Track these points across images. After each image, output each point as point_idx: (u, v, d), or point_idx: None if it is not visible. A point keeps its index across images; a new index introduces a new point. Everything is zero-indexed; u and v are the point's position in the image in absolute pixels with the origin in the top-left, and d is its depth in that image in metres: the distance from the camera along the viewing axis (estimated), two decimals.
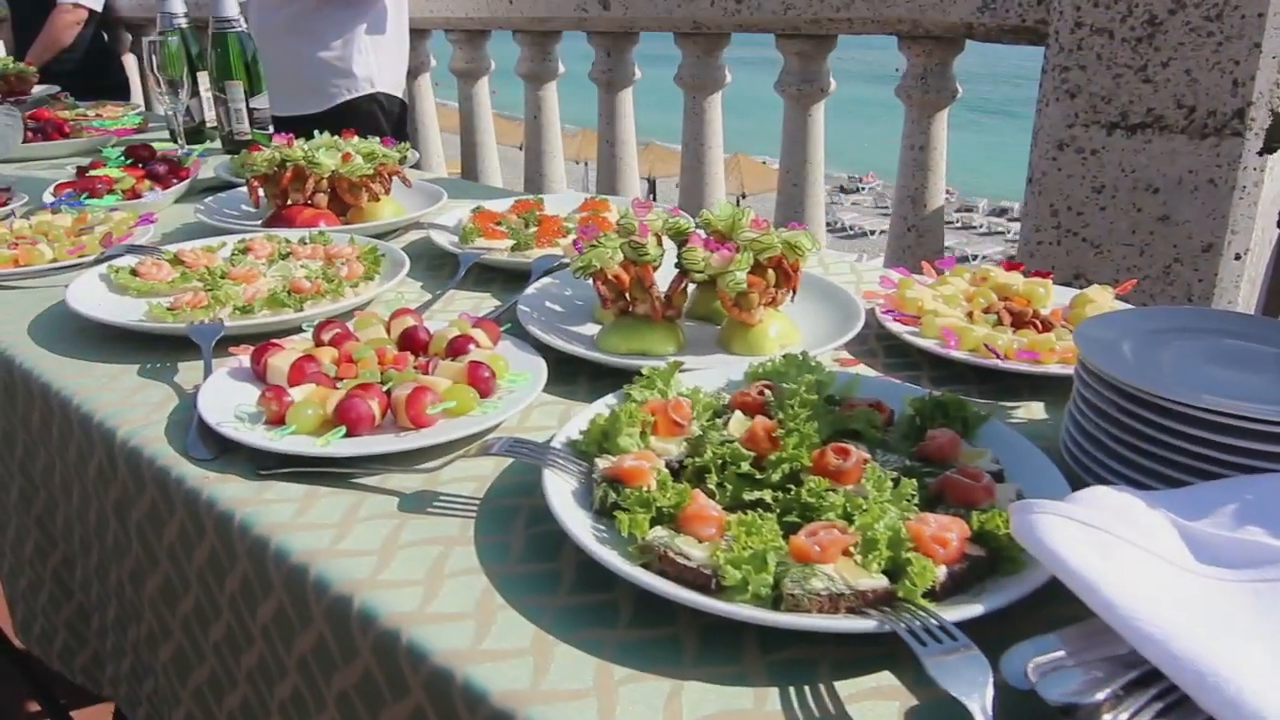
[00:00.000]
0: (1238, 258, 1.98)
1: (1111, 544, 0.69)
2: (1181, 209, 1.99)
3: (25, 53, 4.25)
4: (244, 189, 1.97)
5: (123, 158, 2.13)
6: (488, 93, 3.67)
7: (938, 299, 1.33)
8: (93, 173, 1.98)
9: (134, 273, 1.43)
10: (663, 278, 1.24)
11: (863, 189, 40.01)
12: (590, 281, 1.27)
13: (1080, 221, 2.10)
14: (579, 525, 0.79)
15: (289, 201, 1.76)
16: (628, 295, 1.23)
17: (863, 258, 2.25)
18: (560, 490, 0.84)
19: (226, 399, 1.05)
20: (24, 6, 4.68)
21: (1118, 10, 1.94)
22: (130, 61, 5.35)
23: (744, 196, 31.07)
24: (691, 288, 1.28)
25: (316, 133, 1.87)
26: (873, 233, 30.27)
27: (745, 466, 0.84)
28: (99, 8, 4.54)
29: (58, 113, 2.79)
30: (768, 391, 0.98)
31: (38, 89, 3.62)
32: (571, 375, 1.17)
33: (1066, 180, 2.09)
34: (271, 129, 2.59)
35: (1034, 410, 1.11)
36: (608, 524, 0.81)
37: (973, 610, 0.69)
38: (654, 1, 2.77)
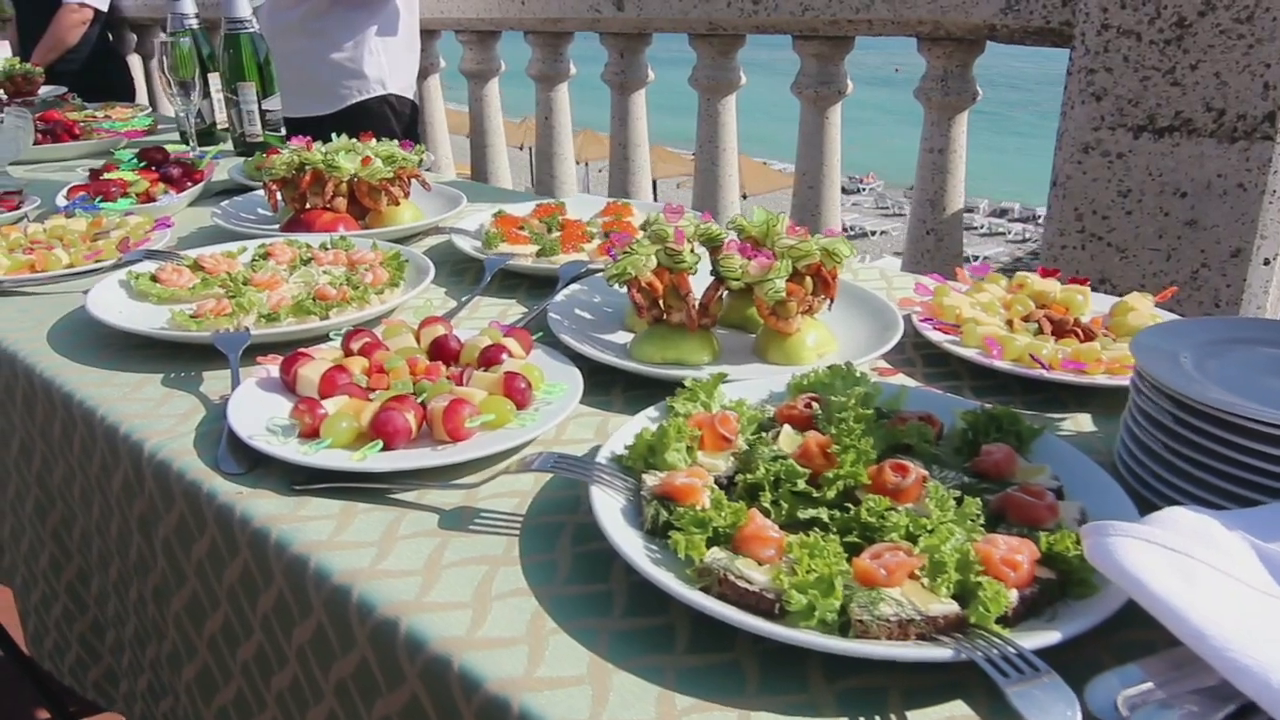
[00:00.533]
0: (1267, 263, 1.96)
1: (1194, 568, 0.66)
2: (1210, 213, 1.96)
3: (30, 53, 4.22)
4: (260, 192, 1.94)
5: (136, 160, 2.10)
6: (497, 94, 3.65)
7: (975, 306, 1.31)
8: (106, 176, 1.95)
9: (154, 279, 1.40)
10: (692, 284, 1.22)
11: (863, 190, 39.95)
12: (623, 289, 1.25)
13: (1105, 226, 2.08)
14: (632, 546, 0.76)
15: (307, 205, 1.73)
16: (661, 303, 1.21)
17: (865, 259, 2.22)
18: (609, 508, 0.81)
19: (256, 411, 1.02)
20: (28, 6, 4.66)
21: (1146, 12, 1.91)
22: (135, 62, 5.32)
23: (744, 197, 31.08)
24: (724, 295, 1.25)
25: (334, 135, 1.84)
26: (874, 233, 30.25)
27: (801, 484, 0.81)
28: (104, 8, 4.52)
29: (67, 114, 2.76)
30: (815, 404, 0.96)
31: (44, 90, 3.60)
32: (606, 385, 1.15)
33: (1092, 184, 2.07)
34: (284, 130, 2.57)
35: (1082, 422, 1.09)
36: (660, 543, 0.78)
37: (1050, 637, 0.66)
38: (669, 2, 2.75)
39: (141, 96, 5.20)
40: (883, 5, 2.35)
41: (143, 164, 2.08)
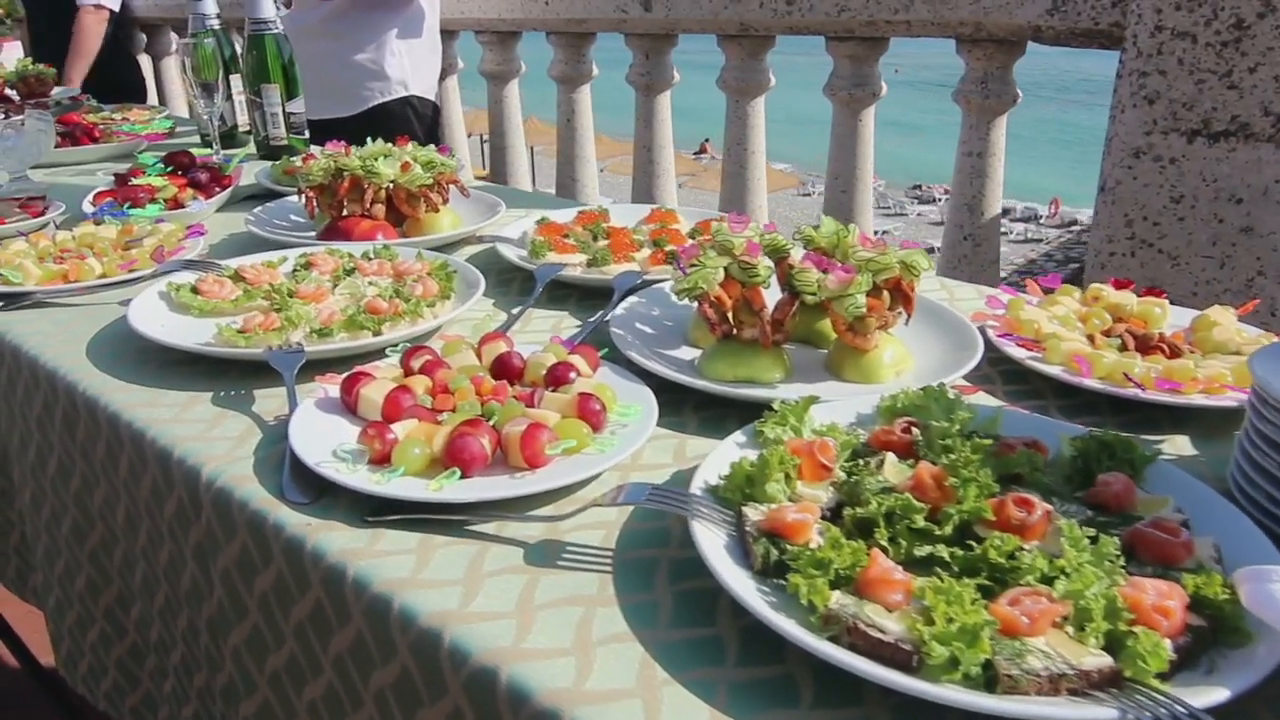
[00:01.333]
0: None
1: None
2: (1266, 220, 1.91)
3: (43, 53, 4.16)
4: (293, 198, 1.89)
5: (162, 165, 2.05)
6: (518, 95, 3.59)
7: (1053, 321, 1.26)
8: (134, 181, 1.90)
9: (195, 290, 1.35)
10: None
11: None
12: (690, 303, 1.20)
13: (1156, 232, 2.03)
14: (744, 588, 0.71)
15: (344, 212, 1.68)
16: (730, 318, 1.16)
17: None
18: (714, 546, 0.76)
19: (318, 434, 0.97)
20: (39, 6, 4.60)
21: (1202, 14, 1.86)
22: (144, 62, 5.26)
23: None
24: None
25: (370, 139, 1.78)
26: (876, 233, 30.19)
27: (920, 521, 0.76)
28: (117, 7, 4.46)
29: (85, 117, 2.70)
30: (915, 430, 0.91)
31: (56, 91, 3.54)
32: (676, 404, 1.09)
33: (1143, 189, 2.02)
34: (307, 133, 2.52)
35: (1180, 445, 1.03)
36: (771, 584, 0.73)
37: (1217, 695, 0.61)
38: (698, 2, 2.69)
39: (151, 97, 5.14)
40: (923, 6, 2.30)
41: (169, 169, 2.03)
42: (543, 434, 0.91)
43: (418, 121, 2.97)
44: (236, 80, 2.62)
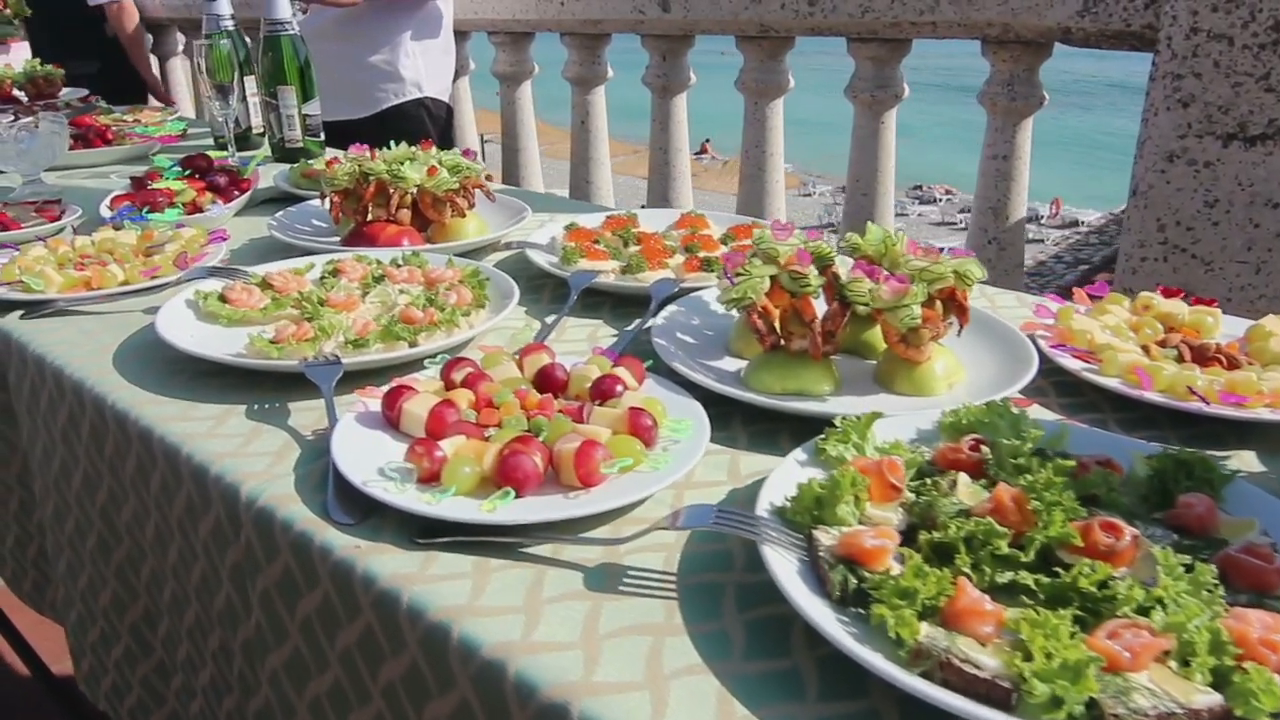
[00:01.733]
0: None
1: None
2: None
3: (47, 55, 4.11)
4: (314, 202, 1.86)
5: (179, 168, 2.01)
6: (530, 97, 3.56)
7: (1106, 331, 1.22)
8: (152, 185, 1.86)
9: (222, 298, 1.32)
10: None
11: None
12: (735, 312, 1.17)
13: (1190, 237, 2.00)
14: (824, 618, 0.68)
15: (369, 218, 1.64)
16: (777, 329, 1.13)
17: None
18: (788, 573, 0.73)
19: (360, 450, 0.94)
20: (38, 6, 4.56)
21: (1239, 15, 1.83)
22: (152, 63, 5.21)
23: None
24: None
25: (393, 142, 1.75)
26: None
27: (1004, 547, 0.72)
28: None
29: (97, 118, 2.67)
30: (983, 448, 0.87)
31: (65, 92, 3.50)
32: (723, 418, 1.06)
33: (1176, 194, 1.99)
34: (323, 136, 2.48)
35: (1247, 461, 1.00)
36: (850, 613, 0.70)
37: None
38: (718, 3, 2.66)
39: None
40: (949, 7, 2.27)
41: (187, 172, 1.99)
42: (598, 452, 0.88)
43: (432, 123, 2.94)
44: (250, 81, 2.59)
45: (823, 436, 0.91)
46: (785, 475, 0.86)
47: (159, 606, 1.21)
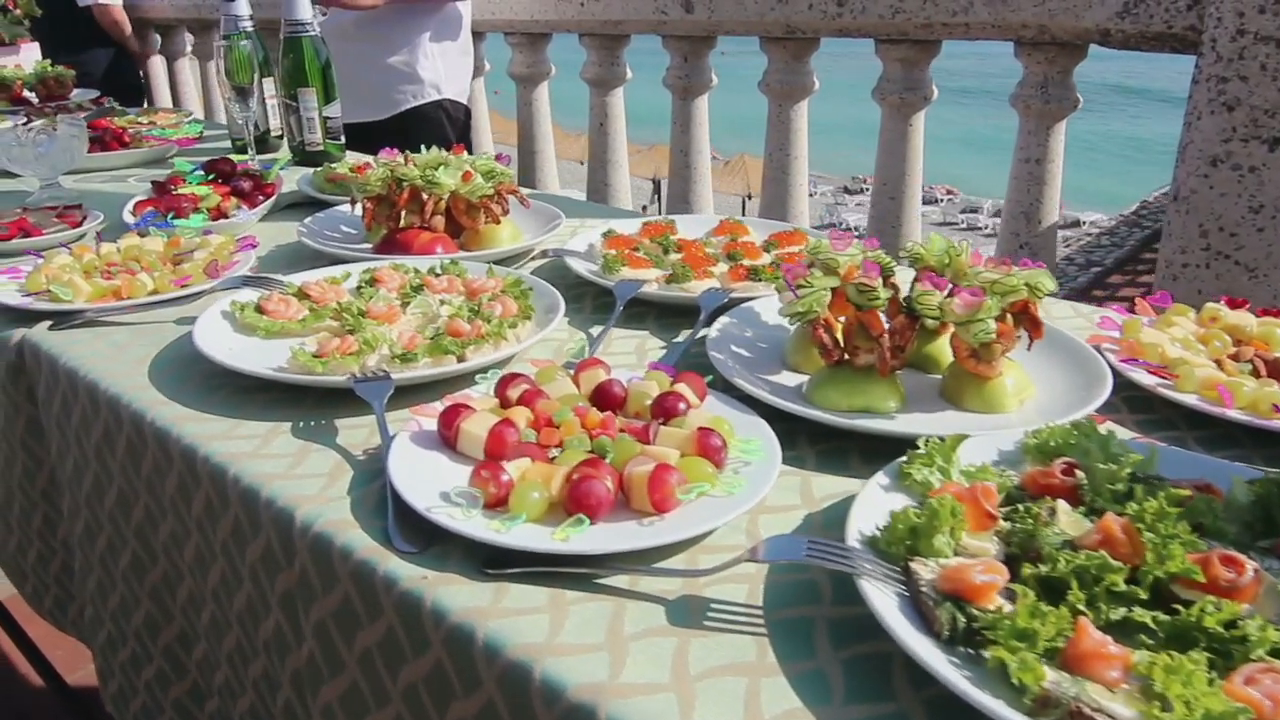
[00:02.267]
0: None
1: None
2: None
3: (55, 55, 4.07)
4: (344, 208, 1.82)
5: (202, 172, 1.97)
6: (547, 99, 3.52)
7: (1175, 344, 1.18)
8: (176, 190, 1.82)
9: (259, 309, 1.27)
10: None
11: (867, 190, 39.86)
12: (787, 324, 1.13)
13: (1234, 243, 1.96)
14: (936, 660, 0.64)
15: (402, 224, 1.60)
16: (843, 343, 1.09)
17: None
18: (890, 609, 0.69)
19: (418, 473, 0.90)
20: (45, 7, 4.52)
21: None
22: (158, 63, 5.18)
23: (750, 197, 30.90)
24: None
25: (425, 146, 1.71)
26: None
27: (1120, 583, 0.68)
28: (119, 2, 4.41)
29: (113, 121, 2.63)
30: (1079, 473, 0.83)
31: (75, 93, 3.46)
32: (788, 435, 1.01)
33: (1219, 199, 1.95)
34: (343, 138, 2.44)
35: None
36: (960, 653, 0.66)
37: None
38: (743, 3, 2.62)
39: (165, 99, 5.06)
40: (983, 8, 2.22)
41: (210, 176, 1.95)
42: (672, 477, 0.84)
43: (450, 125, 2.90)
44: (269, 83, 2.55)
45: (905, 460, 0.86)
46: (871, 502, 0.82)
47: (196, 629, 1.17)
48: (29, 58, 3.81)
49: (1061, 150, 2.38)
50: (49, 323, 1.36)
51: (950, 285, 1.06)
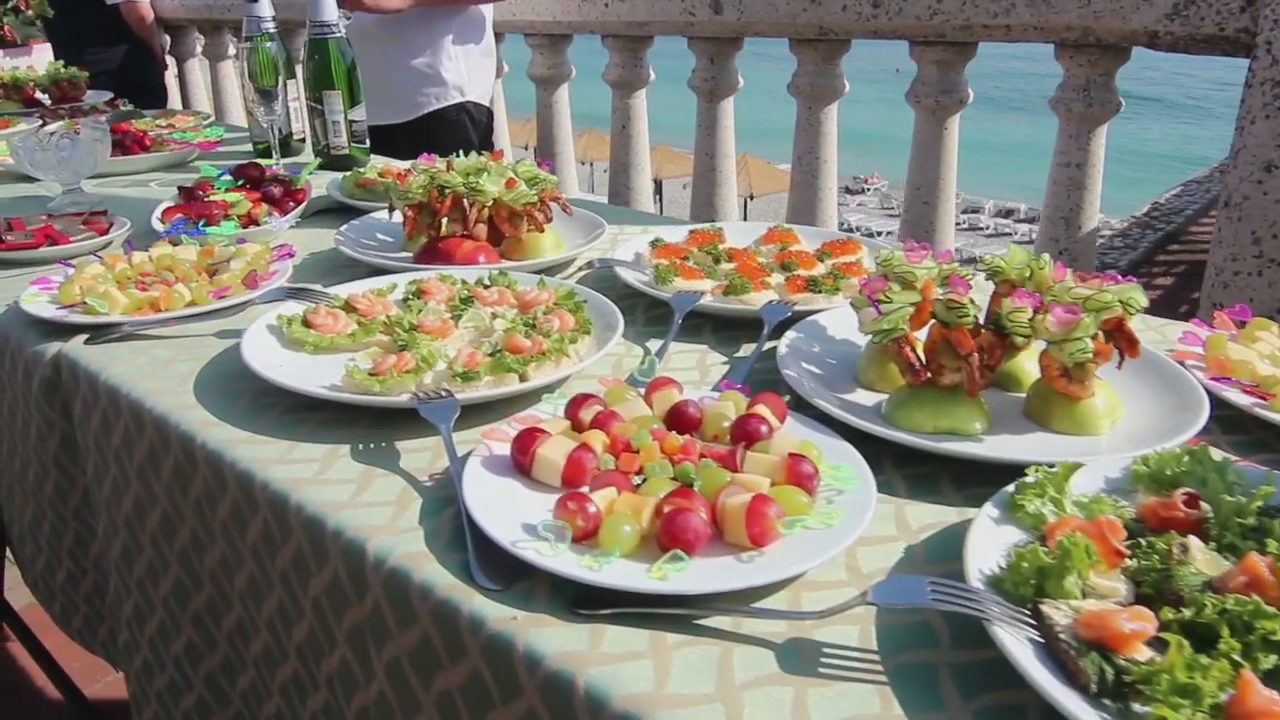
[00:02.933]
0: None
1: None
2: None
3: (67, 56, 4.01)
4: (376, 214, 1.77)
5: (229, 178, 1.92)
6: (567, 101, 3.47)
7: (1264, 361, 1.14)
8: (210, 196, 1.77)
9: (306, 323, 1.23)
10: None
11: (868, 190, 39.89)
12: (875, 340, 1.08)
13: None
14: (1084, 715, 0.59)
15: (443, 233, 1.55)
16: (927, 362, 1.04)
17: None
18: (1028, 658, 0.64)
19: (494, 503, 0.85)
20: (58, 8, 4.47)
21: None
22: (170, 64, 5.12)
23: (751, 198, 30.88)
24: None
25: (465, 152, 1.66)
26: (880, 234, 30.12)
27: (1278, 630, 0.63)
28: None
29: (133, 124, 2.58)
30: (1202, 504, 0.79)
31: (89, 95, 3.41)
32: (871, 459, 0.96)
33: (1273, 205, 1.90)
34: (368, 142, 2.39)
35: None
36: (1110, 706, 0.61)
37: None
38: (774, 4, 2.57)
39: (175, 100, 5.01)
40: (1025, 9, 2.18)
41: (239, 182, 1.90)
42: (771, 509, 0.79)
43: (473, 128, 2.84)
44: (291, 86, 2.50)
45: (1015, 491, 0.82)
46: (985, 537, 0.77)
47: (243, 658, 1.12)
48: (41, 58, 3.75)
49: (1102, 154, 2.34)
50: (85, 336, 1.31)
51: (1039, 300, 1.02)
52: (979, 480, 0.94)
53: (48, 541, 1.50)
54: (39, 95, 3.32)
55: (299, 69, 2.71)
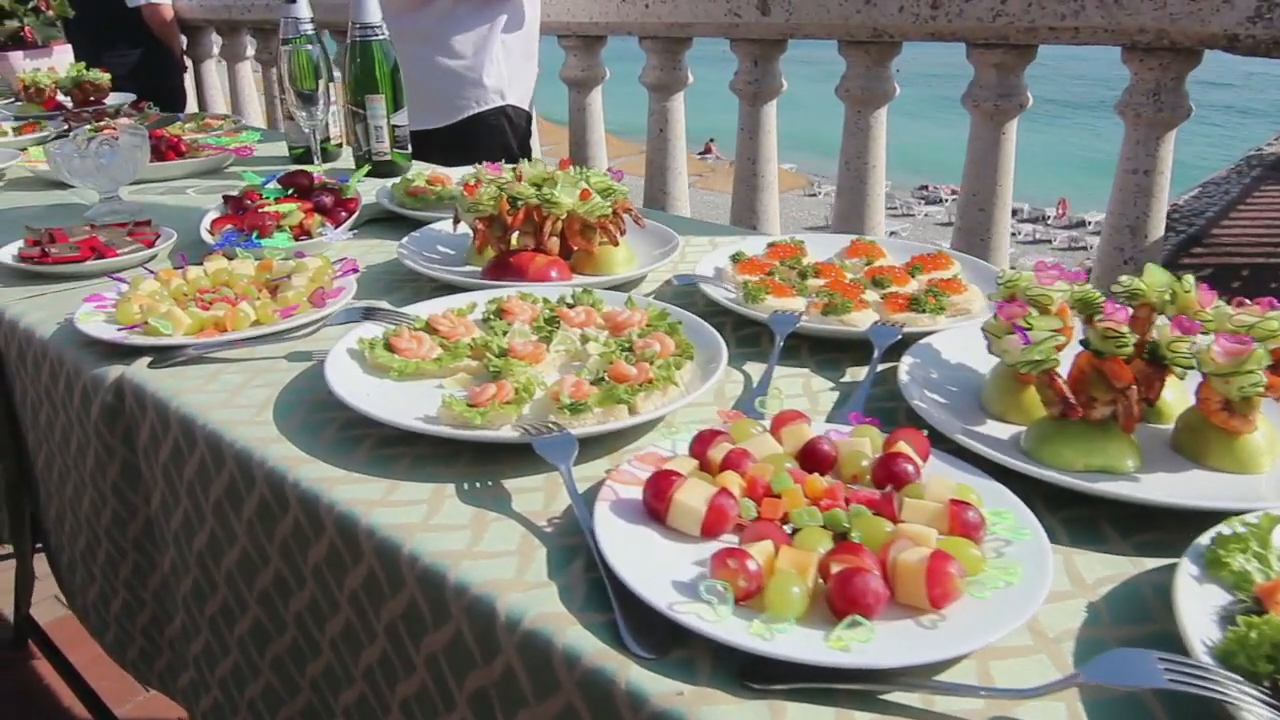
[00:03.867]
0: None
1: None
2: None
3: (88, 57, 3.93)
4: (436, 226, 1.69)
5: (278, 186, 1.84)
6: (601, 104, 3.39)
7: None
8: (263, 208, 1.69)
9: (388, 347, 1.15)
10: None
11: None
12: (987, 364, 1.01)
13: None
14: None
15: (514, 246, 1.48)
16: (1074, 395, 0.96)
17: None
18: None
19: (634, 557, 0.78)
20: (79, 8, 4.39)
21: None
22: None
23: None
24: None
25: (524, 161, 1.59)
26: (888, 234, 30.01)
27: None
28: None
29: (166, 129, 2.50)
30: None
31: (112, 98, 3.33)
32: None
33: None
34: (410, 148, 2.32)
35: None
36: None
37: None
38: (825, 5, 2.50)
39: (190, 103, 4.93)
40: (1095, 10, 2.10)
41: (288, 191, 1.83)
42: (953, 567, 0.72)
43: (512, 133, 2.77)
44: (330, 90, 2.42)
45: (1214, 545, 0.74)
46: (1193, 600, 0.70)
47: (331, 707, 1.05)
48: (61, 60, 3.68)
49: (1170, 161, 2.26)
50: (148, 359, 1.23)
51: (1201, 331, 0.94)
52: (1141, 525, 0.87)
53: (102, 570, 1.42)
54: (60, 98, 3.24)
55: (337, 72, 2.63)
